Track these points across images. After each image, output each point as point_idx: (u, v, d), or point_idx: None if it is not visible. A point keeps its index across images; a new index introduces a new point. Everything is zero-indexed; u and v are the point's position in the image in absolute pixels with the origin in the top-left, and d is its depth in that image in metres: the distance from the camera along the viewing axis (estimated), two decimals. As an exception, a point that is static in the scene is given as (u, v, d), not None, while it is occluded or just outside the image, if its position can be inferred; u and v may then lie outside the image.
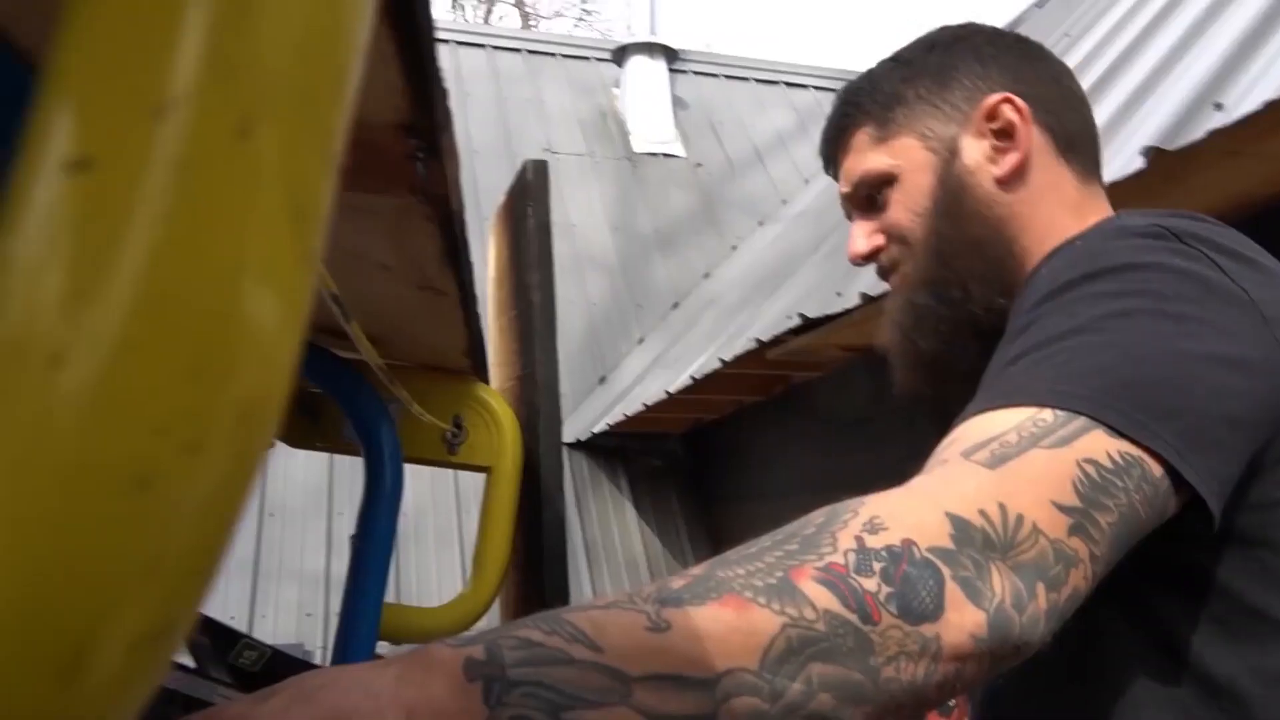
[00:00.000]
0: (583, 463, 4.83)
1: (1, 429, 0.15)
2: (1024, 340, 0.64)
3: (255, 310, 0.17)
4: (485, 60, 6.71)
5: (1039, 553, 0.53)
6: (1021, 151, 0.81)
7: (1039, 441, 0.56)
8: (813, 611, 0.47)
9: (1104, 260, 0.67)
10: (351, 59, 0.19)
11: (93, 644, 0.15)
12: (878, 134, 0.86)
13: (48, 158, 0.16)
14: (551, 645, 0.43)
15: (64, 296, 0.15)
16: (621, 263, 5.73)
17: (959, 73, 0.85)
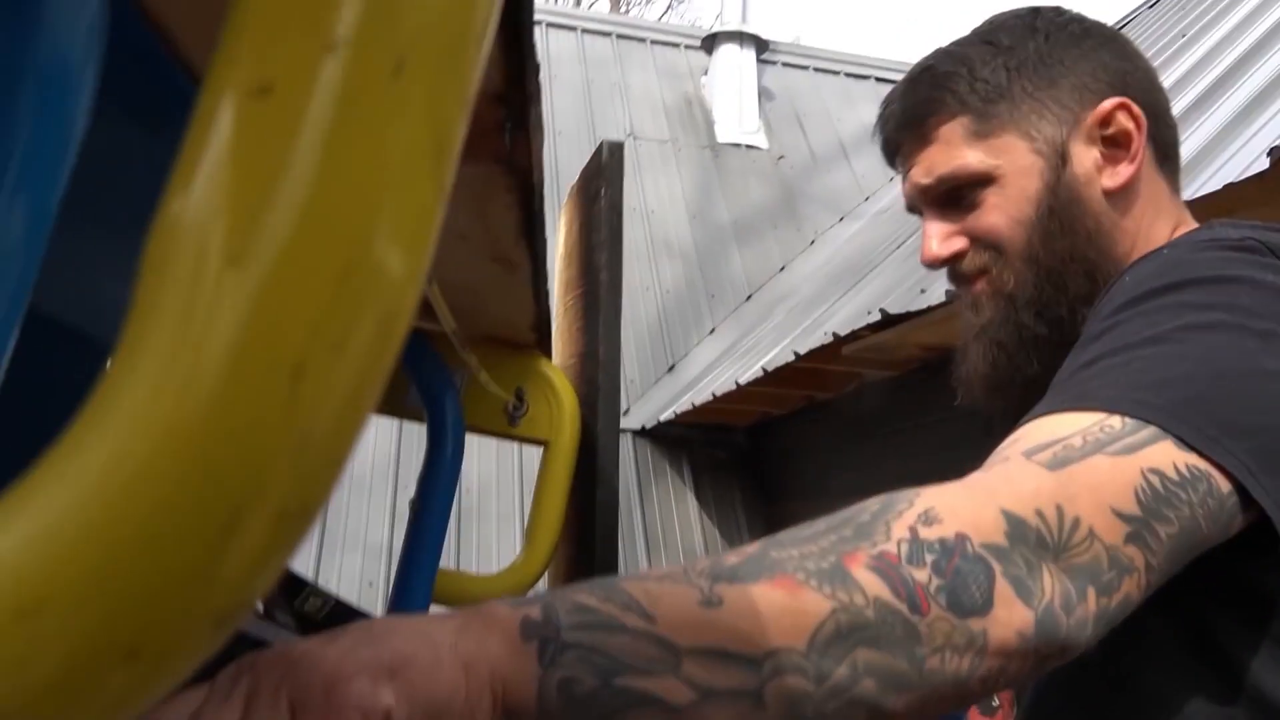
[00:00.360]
0: (647, 450, 4.82)
1: (184, 316, 0.17)
2: (1100, 345, 0.63)
3: (395, 231, 0.19)
4: (574, 43, 6.73)
5: (1093, 557, 0.52)
6: (1136, 164, 0.77)
7: (1104, 447, 0.55)
8: (863, 598, 0.47)
9: (1191, 270, 0.65)
10: (490, 12, 0.21)
11: (248, 511, 0.17)
12: (977, 128, 0.79)
13: (232, 84, 0.18)
14: (606, 612, 0.44)
15: (242, 204, 0.17)
16: (698, 251, 5.72)
17: (1066, 68, 0.79)
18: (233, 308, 0.17)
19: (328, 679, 0.38)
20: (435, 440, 1.21)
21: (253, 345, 0.17)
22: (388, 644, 0.40)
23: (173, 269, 0.17)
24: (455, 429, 1.19)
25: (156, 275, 0.17)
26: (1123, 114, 0.77)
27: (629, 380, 4.99)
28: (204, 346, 0.17)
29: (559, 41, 6.69)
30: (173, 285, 0.17)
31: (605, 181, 1.19)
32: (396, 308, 0.19)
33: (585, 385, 1.28)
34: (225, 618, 0.18)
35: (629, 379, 4.99)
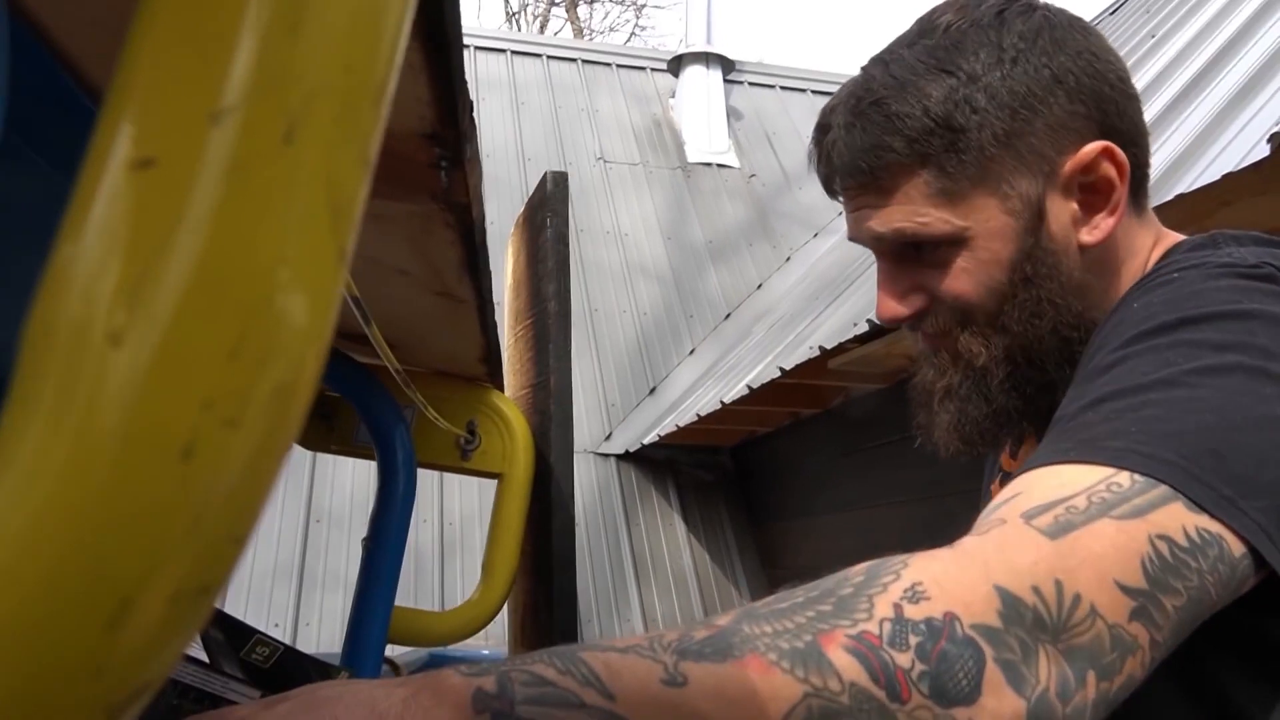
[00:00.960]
0: (632, 474, 4.81)
1: (63, 400, 0.17)
2: (1108, 382, 0.58)
3: (292, 301, 0.19)
4: (541, 69, 6.79)
5: (1094, 638, 0.49)
6: (1117, 215, 0.70)
7: (1110, 510, 0.51)
8: (838, 683, 0.44)
9: (1206, 303, 0.60)
10: (389, 71, 0.20)
11: (138, 596, 0.17)
12: (942, 185, 0.69)
13: (114, 156, 0.17)
14: (564, 686, 0.42)
15: (124, 282, 0.17)
16: (674, 272, 5.76)
17: (1040, 103, 0.69)
18: (114, 390, 0.16)
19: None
20: (386, 477, 1.19)
21: (137, 428, 0.16)
22: (327, 713, 0.38)
23: (52, 349, 0.17)
24: (406, 465, 1.18)
25: (36, 355, 0.17)
26: (1106, 161, 0.69)
27: (610, 404, 5.01)
28: (84, 431, 0.16)
29: (525, 69, 6.75)
30: (52, 366, 0.17)
31: (551, 211, 1.19)
32: (295, 378, 0.19)
33: (537, 415, 1.28)
34: (120, 707, 0.18)
35: (610, 403, 5.01)
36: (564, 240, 1.20)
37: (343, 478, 4.24)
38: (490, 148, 6.05)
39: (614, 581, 4.39)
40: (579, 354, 5.16)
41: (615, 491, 4.72)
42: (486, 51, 6.80)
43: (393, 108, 0.56)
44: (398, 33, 0.21)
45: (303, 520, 4.17)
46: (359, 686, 0.40)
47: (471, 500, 4.31)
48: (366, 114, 0.20)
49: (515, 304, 1.39)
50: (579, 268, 5.54)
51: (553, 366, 1.20)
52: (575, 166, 6.17)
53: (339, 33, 0.19)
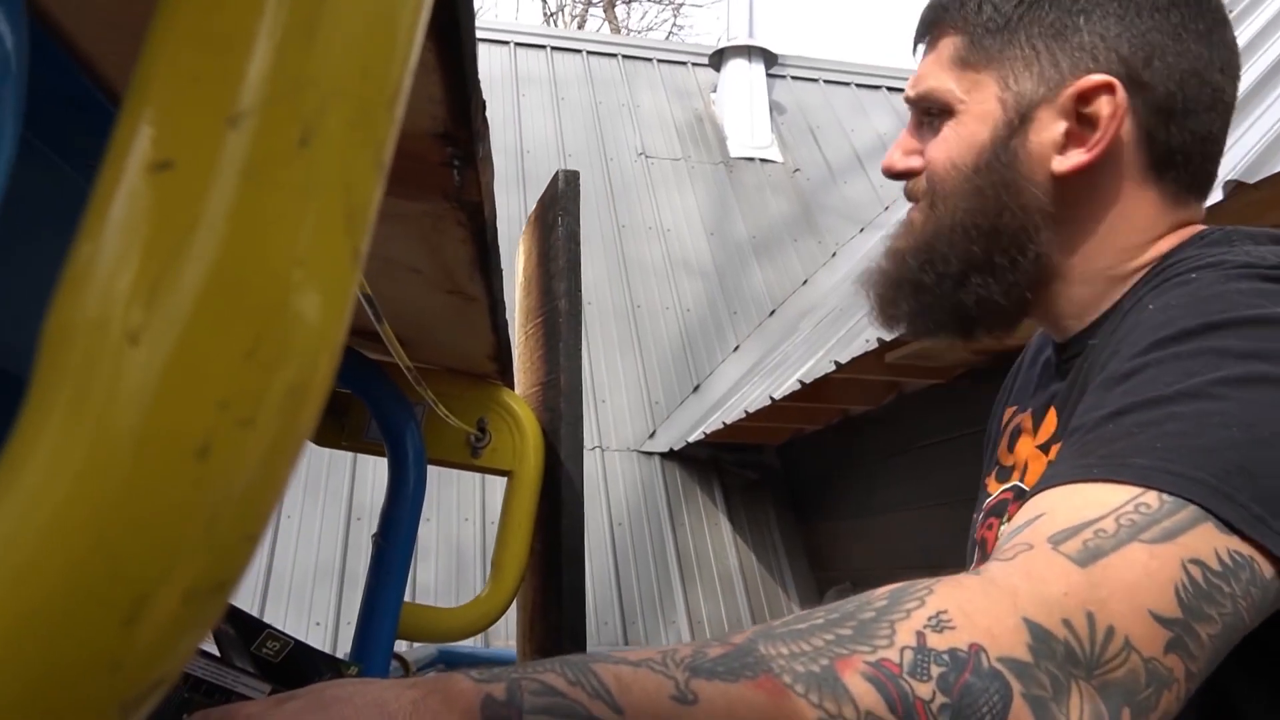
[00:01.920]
0: (676, 473, 4.72)
1: (82, 398, 0.17)
2: (1129, 391, 0.57)
3: (307, 302, 0.19)
4: (580, 65, 6.74)
5: (1129, 672, 0.47)
6: (1092, 155, 0.69)
7: (1140, 533, 0.49)
8: (853, 711, 0.43)
9: (1228, 308, 0.58)
10: (403, 77, 0.21)
11: (154, 593, 0.17)
12: (963, 53, 0.73)
13: (132, 158, 0.18)
14: (573, 697, 0.41)
15: (142, 282, 0.17)
16: (717, 268, 5.67)
17: (1085, 23, 0.69)
18: (131, 389, 0.17)
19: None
20: (397, 474, 1.19)
21: (153, 427, 0.17)
22: (336, 713, 0.38)
23: (70, 348, 0.17)
24: (417, 462, 1.19)
25: (56, 353, 0.17)
26: (1104, 96, 0.68)
27: (654, 402, 4.94)
28: (100, 430, 0.16)
29: (565, 64, 6.69)
30: (70, 365, 0.17)
31: (562, 210, 1.19)
32: (309, 378, 0.19)
33: (547, 413, 1.28)
34: (135, 701, 0.18)
35: (653, 400, 4.94)
36: (575, 239, 1.20)
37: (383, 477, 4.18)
38: (530, 144, 5.99)
39: (659, 583, 4.30)
40: (622, 350, 5.09)
41: (659, 491, 4.63)
42: (526, 48, 6.74)
43: (406, 107, 0.56)
44: (412, 37, 0.21)
45: (344, 520, 4.10)
46: (369, 686, 0.40)
47: None
48: (381, 118, 0.20)
49: (526, 302, 1.40)
50: (621, 264, 5.48)
51: (563, 365, 1.21)
52: (616, 162, 6.10)
53: (354, 38, 0.19)
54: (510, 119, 6.12)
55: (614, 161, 6.11)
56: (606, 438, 4.75)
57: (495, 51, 6.60)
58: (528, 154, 5.91)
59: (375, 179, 0.20)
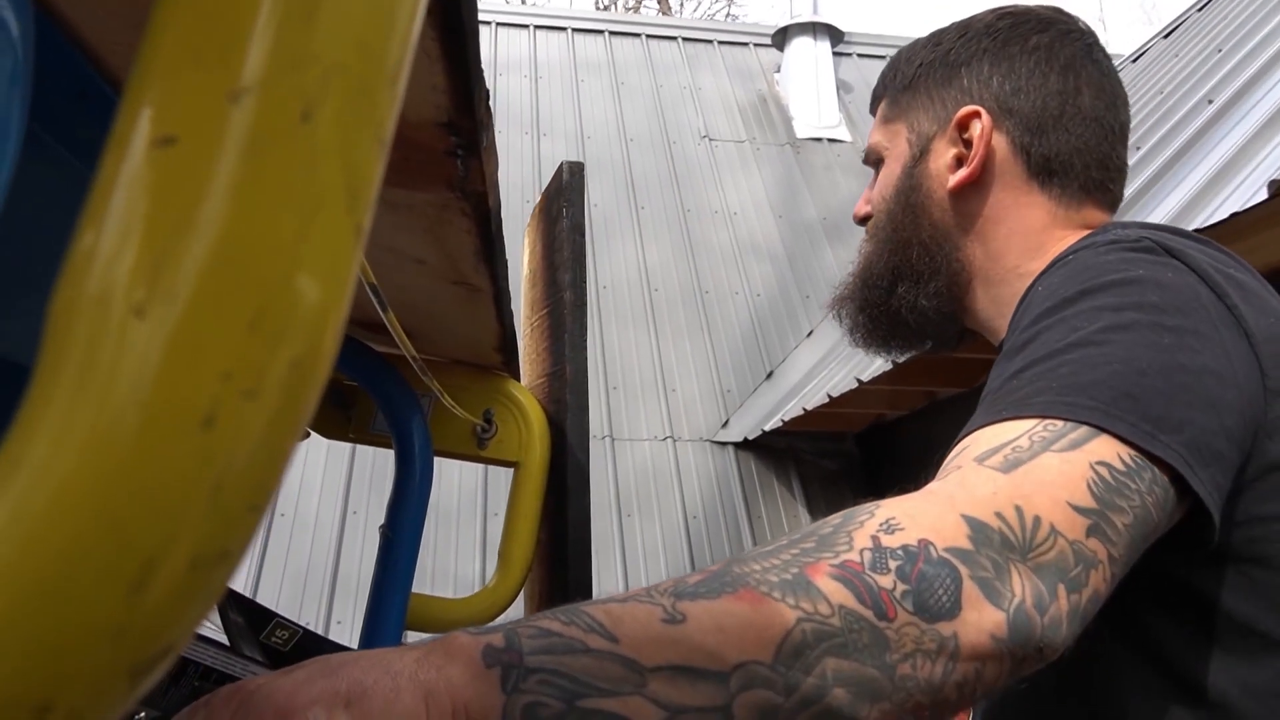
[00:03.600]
0: (751, 463, 4.53)
1: (88, 370, 0.17)
2: (1025, 354, 0.65)
3: (309, 277, 0.19)
4: (640, 49, 6.65)
5: (1059, 554, 0.53)
6: (971, 169, 0.83)
7: (1050, 445, 0.56)
8: (828, 606, 0.47)
9: (1101, 274, 0.67)
10: (403, 54, 0.21)
11: (160, 561, 0.17)
12: (887, 112, 0.91)
13: (136, 135, 0.18)
14: (569, 635, 0.43)
15: (146, 257, 0.17)
16: (787, 251, 5.52)
17: (964, 71, 0.86)
18: (137, 360, 0.17)
19: (280, 710, 0.38)
20: (403, 466, 1.20)
21: (158, 397, 0.17)
22: (345, 675, 0.39)
23: (77, 321, 0.17)
24: (423, 454, 1.19)
25: (62, 327, 0.17)
26: (975, 121, 0.84)
27: (725, 390, 4.78)
28: (106, 400, 0.17)
29: (624, 49, 6.61)
30: (77, 338, 0.17)
31: (567, 202, 1.19)
32: (313, 352, 0.19)
33: (553, 404, 1.28)
34: (142, 669, 0.18)
35: (725, 389, 4.79)
36: (580, 230, 1.20)
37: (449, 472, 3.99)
38: (591, 129, 5.91)
39: None
40: (691, 337, 4.96)
41: (734, 482, 4.45)
42: (583, 33, 6.66)
43: (409, 96, 0.56)
44: (413, 15, 0.21)
45: None
46: (371, 651, 0.42)
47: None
48: (382, 94, 0.20)
49: (532, 293, 1.40)
50: (687, 248, 5.36)
51: (569, 356, 1.21)
52: (679, 145, 5.99)
53: (355, 14, 0.19)
54: (569, 105, 6.05)
55: (677, 145, 5.99)
56: (678, 428, 4.60)
57: (552, 38, 6.53)
58: (588, 139, 5.82)
59: (377, 155, 0.20)
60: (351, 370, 1.19)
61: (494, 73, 6.18)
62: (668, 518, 4.17)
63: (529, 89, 6.17)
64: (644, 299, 5.08)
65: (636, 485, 4.29)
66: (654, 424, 4.56)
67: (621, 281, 5.14)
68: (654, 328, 4.95)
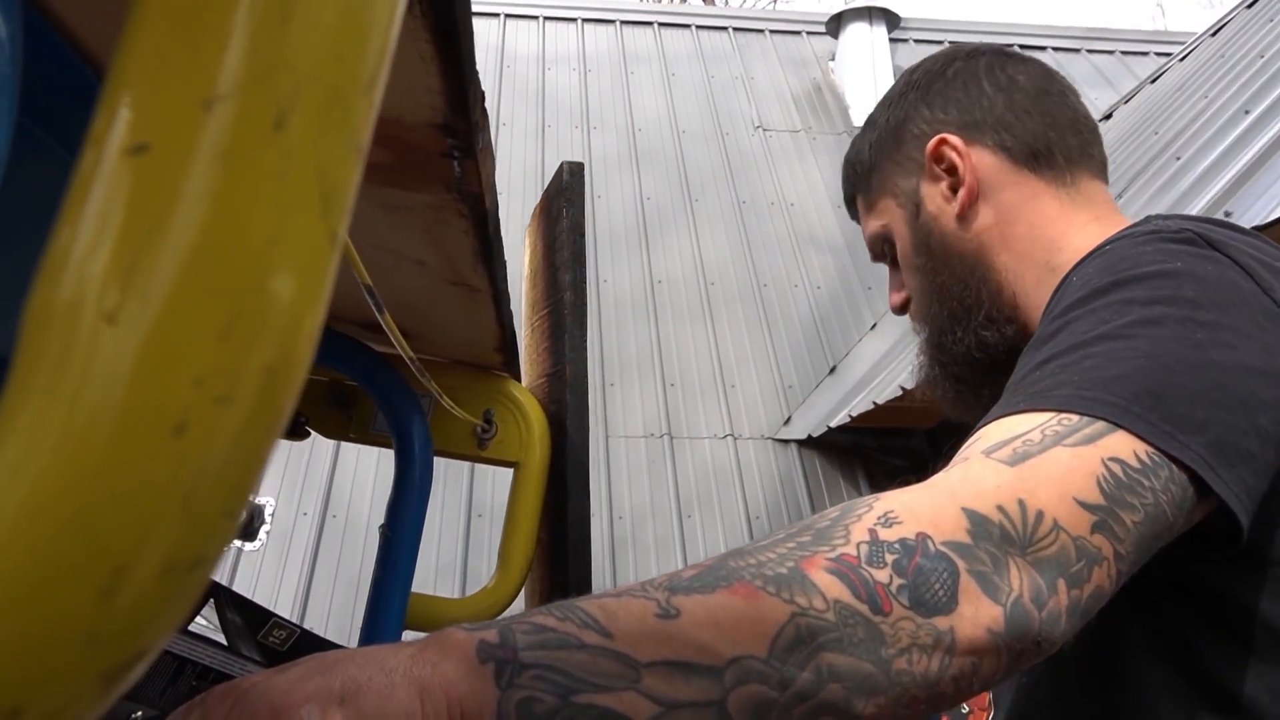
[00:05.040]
0: (815, 462, 4.34)
1: (59, 376, 0.17)
2: (1051, 345, 0.64)
3: (283, 283, 0.19)
4: (690, 40, 6.56)
5: (1060, 549, 0.52)
6: (967, 185, 0.84)
7: (1062, 439, 0.55)
8: (822, 601, 0.47)
9: (1135, 266, 0.65)
10: (380, 62, 0.21)
11: (131, 567, 0.18)
12: (866, 200, 0.94)
13: (109, 142, 0.18)
14: (563, 630, 0.43)
15: (119, 263, 0.17)
16: (846, 242, 5.31)
17: (909, 124, 0.89)
18: (108, 366, 0.17)
19: (275, 707, 0.38)
20: (403, 466, 1.20)
21: (129, 404, 0.17)
22: (340, 672, 0.39)
23: (50, 326, 0.17)
24: (423, 454, 1.19)
25: (35, 332, 0.18)
26: (945, 147, 0.86)
27: (787, 386, 4.61)
28: (77, 406, 0.17)
29: (674, 40, 6.52)
30: (49, 345, 0.17)
31: (566, 202, 1.19)
32: (287, 358, 0.19)
33: (554, 405, 1.28)
34: (114, 673, 0.18)
35: (786, 384, 4.61)
36: (579, 230, 1.20)
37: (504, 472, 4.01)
38: (641, 122, 5.82)
39: None
40: (750, 332, 4.80)
41: (798, 481, 4.25)
42: (632, 25, 6.57)
43: (405, 98, 0.57)
44: (389, 24, 0.21)
45: (464, 517, 3.90)
46: (366, 649, 0.42)
47: (642, 493, 3.97)
48: (358, 102, 0.20)
49: (532, 294, 1.40)
50: (744, 241, 5.22)
51: (569, 356, 1.21)
52: (732, 136, 5.87)
53: (329, 23, 0.19)
54: (620, 98, 5.97)
55: (730, 136, 5.87)
56: (739, 425, 4.43)
57: (601, 31, 6.47)
58: (639, 132, 5.73)
59: (352, 162, 0.21)
60: (352, 370, 1.19)
61: (541, 67, 6.10)
62: (730, 518, 4.03)
63: (578, 82, 6.09)
64: (700, 294, 4.95)
65: (697, 485, 4.15)
66: (713, 422, 4.41)
67: (677, 276, 5.01)
68: (711, 323, 4.81)
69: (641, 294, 4.83)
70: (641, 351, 4.58)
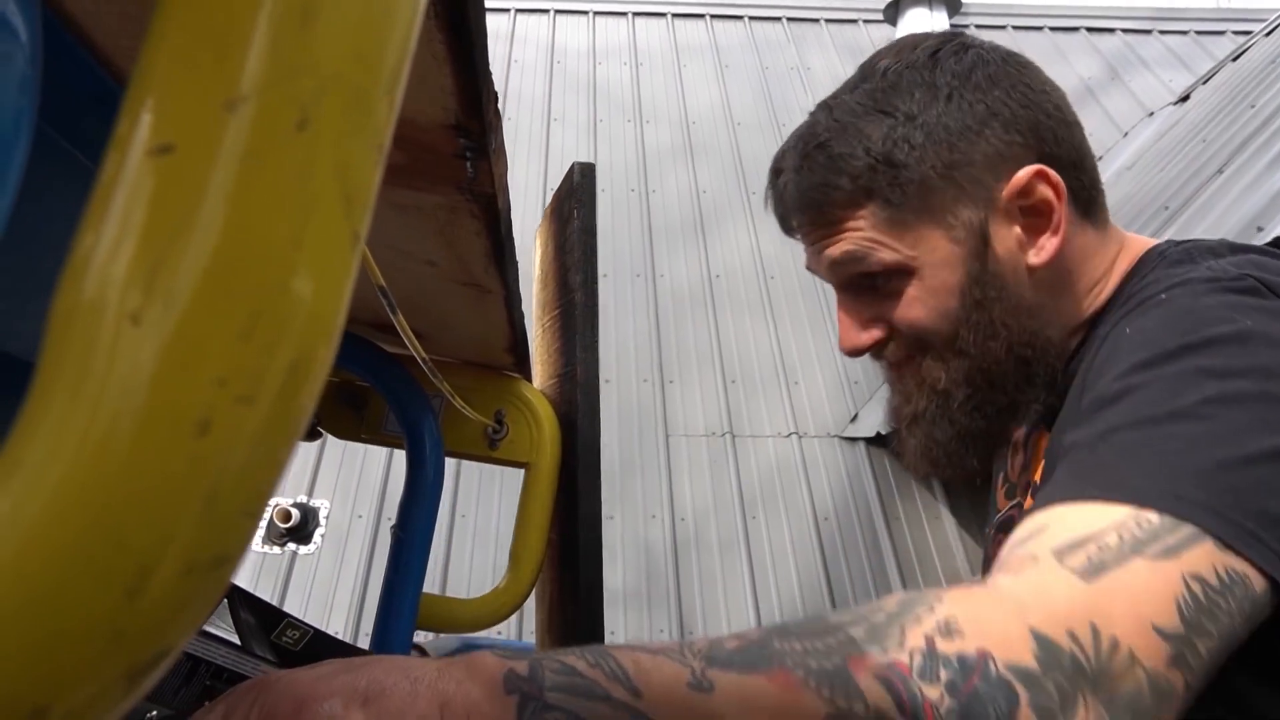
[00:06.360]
0: (885, 461, 4.17)
1: (83, 377, 0.17)
2: (1118, 413, 0.58)
3: (305, 283, 0.19)
4: (743, 31, 6.49)
5: (1134, 686, 0.48)
6: (1061, 236, 0.72)
7: (1142, 549, 0.51)
8: (863, 707, 0.44)
9: (1203, 326, 0.60)
10: (401, 62, 0.21)
11: (155, 566, 0.18)
12: (888, 215, 0.72)
13: (134, 143, 0.18)
14: (592, 678, 0.42)
15: (142, 264, 0.18)
16: None
17: (976, 136, 0.72)
18: (131, 367, 0.17)
19: (299, 701, 0.39)
20: (415, 466, 1.20)
21: (153, 404, 0.17)
22: (365, 673, 0.40)
23: (74, 327, 0.17)
24: (435, 454, 1.19)
25: (59, 333, 0.18)
26: (1041, 183, 0.72)
27: (852, 381, 4.45)
28: (101, 406, 0.17)
29: (727, 32, 6.44)
30: (73, 345, 0.17)
31: (578, 203, 1.19)
32: (309, 357, 0.20)
33: (564, 406, 1.28)
34: (140, 671, 0.18)
35: (852, 380, 4.44)
36: (590, 231, 1.20)
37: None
38: (695, 115, 5.75)
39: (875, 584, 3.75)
40: (813, 328, 4.66)
41: (867, 481, 4.09)
42: (684, 18, 6.50)
43: (419, 99, 0.57)
44: (410, 23, 0.21)
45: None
46: (395, 656, 0.43)
47: (705, 494, 3.84)
48: (379, 103, 0.21)
49: (543, 295, 1.40)
50: None
51: (579, 357, 1.21)
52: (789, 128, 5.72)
53: (351, 23, 0.19)
54: (673, 91, 5.92)
55: (786, 128, 5.66)
56: (803, 423, 4.28)
57: (652, 24, 6.41)
58: (693, 125, 5.67)
59: (373, 163, 0.21)
60: (363, 371, 1.20)
61: (592, 61, 6.06)
62: (796, 519, 3.88)
63: (629, 76, 6.04)
64: (760, 288, 4.83)
65: (761, 485, 4.00)
66: (776, 419, 4.26)
67: (735, 270, 4.89)
68: (772, 317, 4.67)
69: (699, 289, 4.71)
70: (700, 348, 4.43)
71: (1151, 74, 6.06)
